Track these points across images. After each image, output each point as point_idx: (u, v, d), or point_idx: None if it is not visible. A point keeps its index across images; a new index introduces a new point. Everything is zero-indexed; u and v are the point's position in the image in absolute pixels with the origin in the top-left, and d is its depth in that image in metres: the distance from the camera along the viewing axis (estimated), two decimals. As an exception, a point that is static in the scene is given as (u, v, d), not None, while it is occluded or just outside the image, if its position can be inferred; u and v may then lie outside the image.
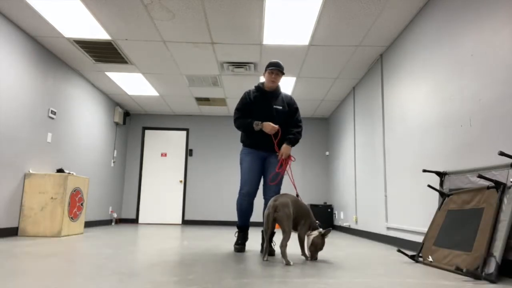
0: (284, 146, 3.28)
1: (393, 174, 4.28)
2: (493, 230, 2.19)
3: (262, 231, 3.25)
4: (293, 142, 3.30)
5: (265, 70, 3.35)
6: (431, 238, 2.76)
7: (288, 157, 3.30)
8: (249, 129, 3.27)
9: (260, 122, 3.24)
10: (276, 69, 3.27)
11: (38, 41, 4.61)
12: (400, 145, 4.08)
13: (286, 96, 3.44)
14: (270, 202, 2.78)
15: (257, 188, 3.33)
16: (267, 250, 2.81)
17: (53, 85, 5.04)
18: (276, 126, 3.22)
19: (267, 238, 2.81)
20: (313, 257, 2.85)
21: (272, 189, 3.27)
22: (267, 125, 3.21)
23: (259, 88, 3.41)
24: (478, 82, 2.71)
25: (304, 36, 4.34)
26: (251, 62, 5.16)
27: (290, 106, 3.39)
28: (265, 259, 2.77)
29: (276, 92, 3.40)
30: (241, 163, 3.37)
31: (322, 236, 2.85)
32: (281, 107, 3.33)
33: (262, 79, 5.79)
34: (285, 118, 3.36)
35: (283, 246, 2.63)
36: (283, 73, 3.34)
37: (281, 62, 3.48)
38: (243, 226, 3.38)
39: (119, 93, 6.72)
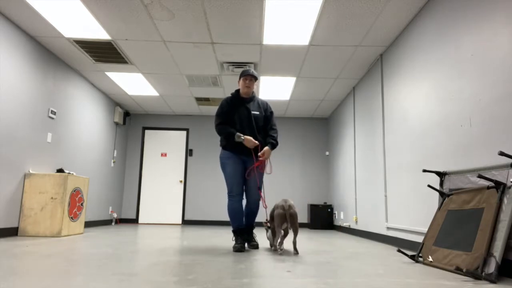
0: (267, 149, 3.46)
1: (393, 174, 4.28)
2: (493, 230, 2.19)
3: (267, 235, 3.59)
4: (275, 147, 3.55)
5: (239, 78, 3.56)
6: (431, 238, 2.76)
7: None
8: (230, 138, 3.43)
9: (242, 135, 3.38)
10: (249, 75, 3.49)
11: (38, 41, 4.61)
12: (400, 145, 4.08)
13: (262, 102, 3.65)
14: (283, 203, 3.20)
15: (243, 189, 3.53)
16: (282, 243, 3.23)
17: (53, 85, 5.04)
18: (257, 142, 3.39)
19: (278, 234, 3.18)
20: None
21: (255, 191, 3.48)
22: (249, 140, 3.37)
23: (236, 95, 3.58)
24: (478, 82, 2.71)
25: (304, 36, 4.34)
26: (251, 62, 5.16)
27: (266, 111, 3.60)
28: (280, 252, 3.16)
29: (251, 98, 3.59)
30: (223, 167, 3.51)
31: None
32: (258, 113, 3.53)
33: (262, 78, 5.79)
34: (262, 123, 3.56)
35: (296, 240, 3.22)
36: (256, 79, 3.55)
37: (253, 70, 3.74)
38: (239, 229, 3.45)
39: (119, 93, 6.72)
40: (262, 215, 7.67)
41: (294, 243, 3.20)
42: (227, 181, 3.47)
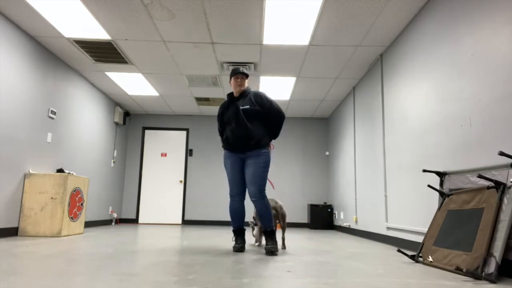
0: None
1: (393, 174, 4.28)
2: (493, 230, 2.19)
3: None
4: (274, 138, 3.50)
5: (230, 78, 3.51)
6: (431, 238, 2.76)
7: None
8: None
9: None
10: (239, 74, 3.44)
11: (38, 41, 4.61)
12: (400, 145, 4.08)
13: (256, 94, 3.44)
14: (274, 204, 3.56)
15: (244, 188, 3.44)
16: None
17: (53, 85, 5.04)
18: None
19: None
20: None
21: (254, 189, 3.28)
22: None
23: (229, 96, 3.54)
24: (478, 82, 2.71)
25: (304, 36, 4.34)
26: (251, 62, 5.16)
27: (260, 101, 3.39)
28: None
29: (244, 94, 3.47)
30: (225, 167, 3.51)
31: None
32: (248, 106, 3.35)
33: (262, 78, 5.79)
34: (258, 115, 3.37)
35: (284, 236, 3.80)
36: (247, 76, 3.48)
37: (242, 68, 3.64)
38: (238, 229, 3.45)
39: (119, 93, 6.72)
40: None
41: (283, 238, 3.68)
42: (228, 181, 3.47)
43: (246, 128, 3.31)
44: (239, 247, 3.28)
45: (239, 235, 3.42)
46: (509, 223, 2.12)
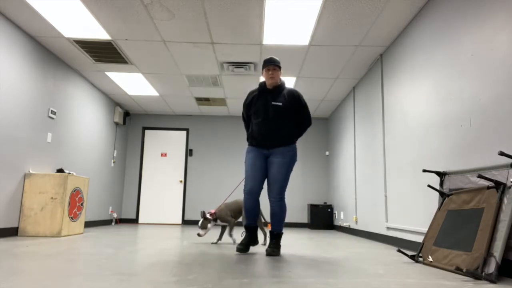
0: None
1: (393, 174, 4.28)
2: (493, 230, 2.19)
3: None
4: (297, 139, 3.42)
5: (262, 69, 3.32)
6: (431, 238, 2.76)
7: None
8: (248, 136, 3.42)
9: None
10: (272, 65, 3.24)
11: (38, 41, 4.61)
12: (400, 145, 4.08)
13: (291, 92, 3.29)
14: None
15: (261, 186, 3.24)
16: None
17: (53, 85, 5.04)
18: None
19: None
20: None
21: (274, 189, 3.17)
22: None
23: (260, 87, 3.36)
24: (478, 82, 2.71)
25: (304, 36, 4.34)
26: (251, 62, 5.16)
27: (296, 102, 3.27)
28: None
29: (279, 88, 3.29)
30: (245, 161, 3.35)
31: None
32: (280, 104, 3.20)
33: (262, 79, 5.78)
34: (287, 114, 3.23)
35: None
36: (280, 68, 3.30)
37: (275, 57, 3.39)
38: (248, 226, 3.31)
39: (119, 93, 6.72)
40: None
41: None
42: (245, 175, 3.28)
43: (275, 125, 3.18)
44: (242, 248, 3.21)
45: (248, 231, 3.31)
46: (509, 223, 2.12)
